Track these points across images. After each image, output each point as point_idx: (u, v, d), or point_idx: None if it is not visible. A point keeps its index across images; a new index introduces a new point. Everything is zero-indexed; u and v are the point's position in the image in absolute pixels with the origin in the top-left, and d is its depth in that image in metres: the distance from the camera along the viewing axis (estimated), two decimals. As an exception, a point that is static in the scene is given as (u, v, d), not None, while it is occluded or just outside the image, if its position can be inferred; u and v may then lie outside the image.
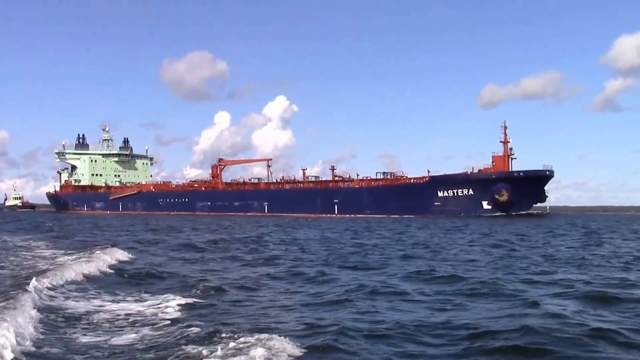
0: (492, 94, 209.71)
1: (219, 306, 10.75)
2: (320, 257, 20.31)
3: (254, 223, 55.29)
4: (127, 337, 8.30)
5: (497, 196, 70.82)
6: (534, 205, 77.21)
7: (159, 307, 10.40)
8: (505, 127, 73.94)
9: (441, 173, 79.42)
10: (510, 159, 74.10)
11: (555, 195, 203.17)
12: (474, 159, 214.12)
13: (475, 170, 75.61)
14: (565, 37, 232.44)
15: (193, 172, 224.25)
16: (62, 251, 21.33)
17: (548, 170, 71.90)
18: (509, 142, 73.92)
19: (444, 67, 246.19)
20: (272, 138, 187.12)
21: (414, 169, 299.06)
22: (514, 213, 70.72)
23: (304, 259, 19.68)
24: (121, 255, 19.26)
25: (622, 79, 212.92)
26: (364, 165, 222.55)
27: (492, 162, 74.09)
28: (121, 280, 14.32)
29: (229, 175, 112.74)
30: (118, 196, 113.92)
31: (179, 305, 10.53)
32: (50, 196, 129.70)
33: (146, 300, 11.26)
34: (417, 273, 15.43)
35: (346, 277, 14.79)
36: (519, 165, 75.86)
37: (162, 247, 24.63)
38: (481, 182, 72.00)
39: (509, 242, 27.89)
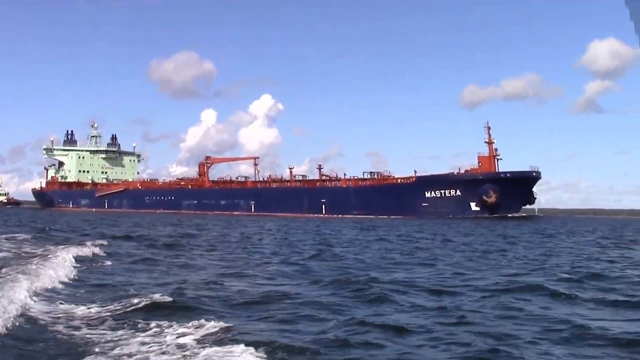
0: (473, 94, 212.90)
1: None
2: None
3: (216, 221, 54.89)
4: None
5: (484, 197, 70.49)
6: (523, 207, 76.99)
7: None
8: (489, 128, 73.93)
9: (428, 173, 79.29)
10: (496, 160, 73.87)
11: (546, 197, 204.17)
12: (461, 158, 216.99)
13: (462, 171, 75.31)
14: (541, 41, 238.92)
15: (179, 170, 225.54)
16: None
17: (535, 172, 71.66)
18: (493, 142, 73.82)
19: (426, 68, 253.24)
20: (259, 136, 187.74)
21: (401, 168, 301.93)
22: (502, 215, 70.39)
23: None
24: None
25: (599, 81, 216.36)
26: (351, 164, 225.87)
27: (478, 163, 73.81)
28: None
29: (216, 173, 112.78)
30: (104, 193, 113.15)
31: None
32: (35, 192, 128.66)
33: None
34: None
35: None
36: (505, 166, 75.68)
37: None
38: (468, 183, 71.69)
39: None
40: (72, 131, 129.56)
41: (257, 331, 8.00)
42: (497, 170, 73.00)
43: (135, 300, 9.86)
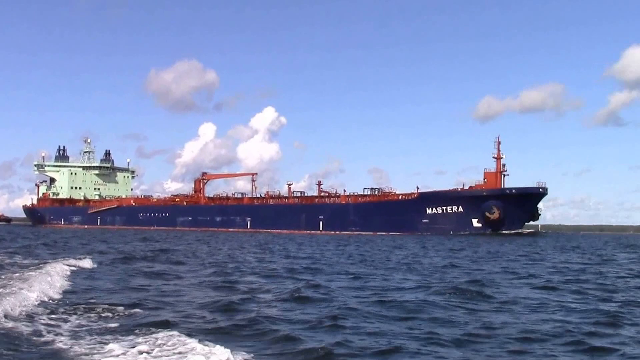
0: (490, 106, 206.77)
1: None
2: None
3: (200, 238, 53.26)
4: None
5: (487, 214, 69.07)
6: (526, 223, 75.39)
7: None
8: (499, 143, 72.79)
9: (432, 189, 77.82)
10: (502, 176, 72.54)
11: (552, 212, 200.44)
12: (467, 174, 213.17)
13: (466, 187, 73.85)
14: (569, 48, 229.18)
15: (174, 186, 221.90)
16: None
17: (541, 188, 70.25)
18: (502, 157, 72.57)
19: (439, 78, 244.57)
20: (258, 151, 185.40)
21: (403, 184, 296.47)
22: (504, 231, 68.84)
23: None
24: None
25: (627, 91, 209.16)
26: (352, 180, 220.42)
27: (484, 179, 72.48)
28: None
29: (212, 189, 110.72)
30: (97, 210, 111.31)
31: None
32: (26, 209, 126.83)
33: None
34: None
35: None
36: (512, 182, 74.55)
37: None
38: (471, 199, 70.21)
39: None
40: (64, 147, 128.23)
41: None
42: (502, 186, 71.57)
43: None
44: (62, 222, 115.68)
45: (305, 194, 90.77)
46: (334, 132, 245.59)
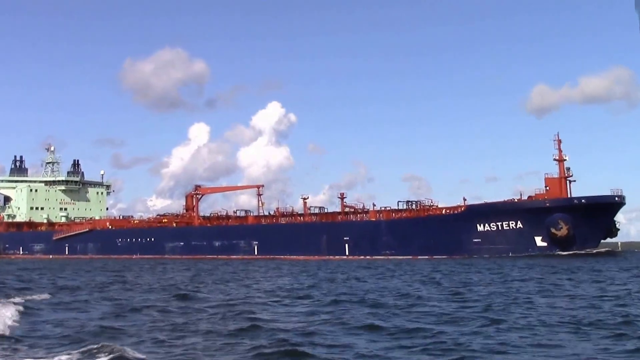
0: (543, 97, 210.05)
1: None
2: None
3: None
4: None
5: (553, 230, 71.99)
6: (603, 241, 78.55)
7: None
8: (559, 141, 75.63)
9: (482, 200, 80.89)
10: (568, 182, 75.70)
11: (637, 227, 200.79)
12: (525, 181, 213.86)
13: (525, 197, 77.13)
14: (635, 24, 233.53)
15: (160, 203, 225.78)
16: None
17: (617, 196, 73.21)
18: (565, 159, 75.57)
19: (483, 65, 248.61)
20: (263, 157, 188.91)
21: (448, 195, 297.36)
22: (576, 251, 71.91)
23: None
24: None
25: None
26: (384, 191, 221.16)
27: (545, 187, 75.60)
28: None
29: (208, 206, 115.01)
30: (64, 236, 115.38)
31: None
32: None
33: None
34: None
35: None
36: (579, 190, 77.56)
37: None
38: (532, 212, 73.32)
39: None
40: (21, 156, 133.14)
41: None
42: (569, 196, 74.79)
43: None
44: (21, 252, 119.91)
45: (326, 210, 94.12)
46: (358, 132, 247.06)
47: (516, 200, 77.25)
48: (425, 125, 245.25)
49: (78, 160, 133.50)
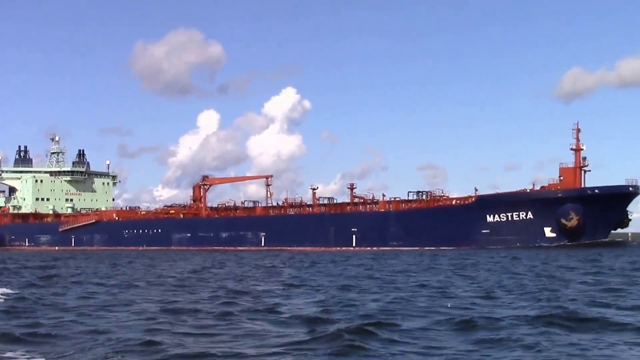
0: (577, 80, 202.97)
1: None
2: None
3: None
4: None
5: (563, 220, 72.59)
6: (613, 231, 79.15)
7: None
8: (578, 130, 75.96)
9: (500, 189, 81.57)
10: (583, 172, 76.20)
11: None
12: (547, 169, 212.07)
13: (538, 187, 77.79)
14: None
15: (167, 193, 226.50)
16: None
17: (632, 186, 73.73)
18: (582, 149, 75.97)
19: (510, 45, 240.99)
20: (275, 146, 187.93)
21: (465, 183, 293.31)
22: (585, 242, 72.60)
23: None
24: None
25: None
26: (398, 180, 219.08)
27: (560, 177, 76.17)
28: None
29: (216, 196, 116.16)
30: (70, 227, 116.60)
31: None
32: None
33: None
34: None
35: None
36: (597, 179, 78.08)
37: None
38: (543, 203, 73.96)
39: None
40: (25, 147, 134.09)
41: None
42: (583, 186, 75.38)
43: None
44: (27, 243, 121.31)
45: (335, 201, 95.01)
46: (373, 119, 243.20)
47: (528, 190, 77.83)
48: (444, 112, 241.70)
49: (83, 150, 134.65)
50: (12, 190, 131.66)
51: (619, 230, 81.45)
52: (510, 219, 76.47)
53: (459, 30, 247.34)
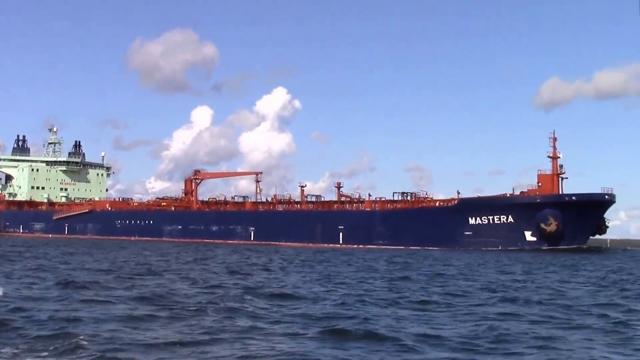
0: (555, 91, 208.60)
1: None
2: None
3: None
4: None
5: (543, 225, 74.90)
6: (592, 237, 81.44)
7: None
8: (554, 139, 78.58)
9: (485, 193, 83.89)
10: (560, 179, 78.63)
11: (638, 224, 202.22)
12: (529, 175, 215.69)
13: (517, 192, 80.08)
14: None
15: (159, 185, 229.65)
16: None
17: (607, 194, 76.12)
18: (559, 157, 78.52)
19: (492, 56, 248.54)
20: (265, 143, 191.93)
21: (450, 186, 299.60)
22: (564, 247, 74.89)
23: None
24: None
25: None
26: (385, 180, 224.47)
27: (538, 183, 78.54)
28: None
29: (207, 190, 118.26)
30: (64, 216, 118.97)
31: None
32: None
33: None
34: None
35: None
36: (575, 186, 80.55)
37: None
38: (523, 207, 76.24)
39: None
40: (23, 136, 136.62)
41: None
42: (560, 192, 77.72)
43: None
44: (21, 230, 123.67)
45: (323, 199, 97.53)
46: (363, 120, 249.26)
47: (508, 195, 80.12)
48: (432, 116, 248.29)
49: (79, 142, 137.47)
50: (8, 178, 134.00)
51: (598, 237, 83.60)
52: (491, 222, 78.67)
53: (445, 39, 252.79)
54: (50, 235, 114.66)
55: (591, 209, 74.94)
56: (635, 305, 22.55)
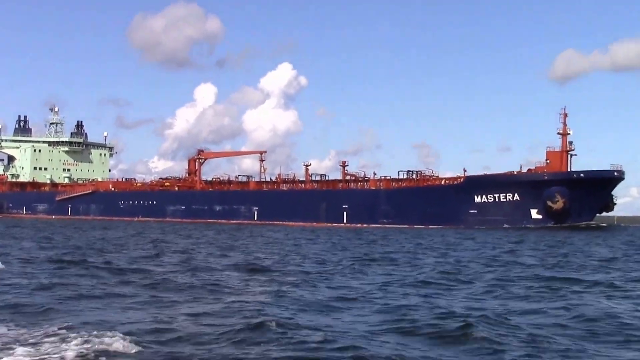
0: (570, 63, 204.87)
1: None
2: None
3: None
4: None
5: (549, 203, 74.17)
6: (599, 214, 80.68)
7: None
8: (565, 115, 77.47)
9: (492, 171, 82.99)
10: (569, 156, 77.64)
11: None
12: (538, 151, 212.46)
13: (525, 170, 79.18)
14: None
15: (162, 165, 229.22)
16: None
17: (616, 171, 75.14)
18: (568, 134, 77.41)
19: (504, 27, 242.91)
20: (270, 121, 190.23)
21: (458, 164, 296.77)
22: (571, 224, 74.17)
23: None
24: None
25: None
26: (392, 158, 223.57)
27: (546, 160, 77.60)
28: None
29: (211, 169, 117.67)
30: (67, 197, 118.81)
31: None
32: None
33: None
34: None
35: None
36: (584, 163, 79.63)
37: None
38: (530, 185, 75.46)
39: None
40: (25, 117, 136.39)
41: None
42: (569, 169, 76.80)
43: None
44: (24, 211, 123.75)
45: (327, 178, 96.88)
46: (369, 97, 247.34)
47: (515, 172, 79.23)
48: (439, 92, 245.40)
49: (81, 122, 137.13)
50: (10, 159, 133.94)
51: (605, 214, 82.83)
52: (497, 200, 77.96)
53: (456, 12, 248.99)
54: (53, 217, 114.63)
55: (599, 186, 74.07)
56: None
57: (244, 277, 21.80)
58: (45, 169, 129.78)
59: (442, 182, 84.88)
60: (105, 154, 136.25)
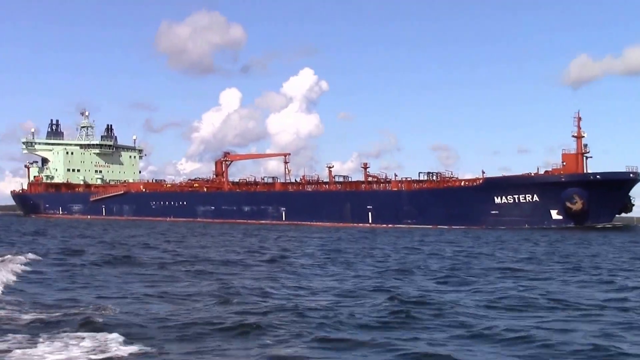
0: (583, 68, 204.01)
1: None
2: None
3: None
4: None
5: (569, 204, 76.70)
6: (618, 215, 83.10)
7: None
8: (579, 119, 79.76)
9: (511, 172, 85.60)
10: (584, 158, 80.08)
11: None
12: (555, 153, 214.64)
13: (542, 172, 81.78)
14: None
15: (189, 167, 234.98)
16: None
17: (632, 173, 77.30)
18: (583, 137, 79.82)
19: (521, 32, 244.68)
20: (293, 124, 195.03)
21: (476, 165, 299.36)
22: (590, 225, 76.77)
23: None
24: None
25: None
26: (411, 160, 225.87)
27: (562, 162, 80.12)
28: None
29: (237, 171, 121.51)
30: (100, 197, 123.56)
31: None
32: (16, 196, 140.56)
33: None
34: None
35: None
36: (599, 165, 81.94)
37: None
38: (548, 186, 78.06)
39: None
40: (57, 121, 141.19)
41: None
42: (585, 171, 79.33)
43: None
44: (60, 212, 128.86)
45: (350, 179, 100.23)
46: (389, 100, 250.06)
47: (532, 174, 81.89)
48: (456, 93, 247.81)
49: (111, 125, 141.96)
50: (44, 161, 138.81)
51: (625, 215, 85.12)
52: (517, 201, 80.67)
53: (474, 15, 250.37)
54: (88, 217, 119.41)
55: (615, 188, 76.39)
56: None
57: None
58: (78, 170, 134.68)
59: (462, 184, 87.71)
60: (135, 156, 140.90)
